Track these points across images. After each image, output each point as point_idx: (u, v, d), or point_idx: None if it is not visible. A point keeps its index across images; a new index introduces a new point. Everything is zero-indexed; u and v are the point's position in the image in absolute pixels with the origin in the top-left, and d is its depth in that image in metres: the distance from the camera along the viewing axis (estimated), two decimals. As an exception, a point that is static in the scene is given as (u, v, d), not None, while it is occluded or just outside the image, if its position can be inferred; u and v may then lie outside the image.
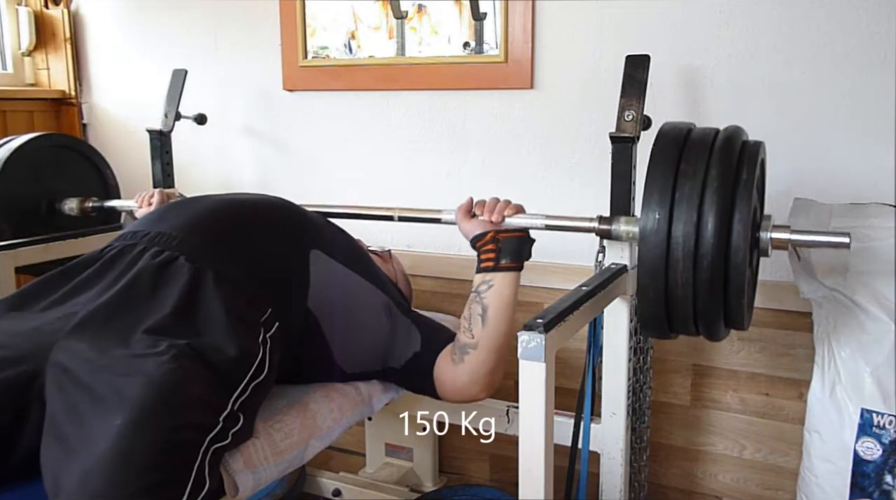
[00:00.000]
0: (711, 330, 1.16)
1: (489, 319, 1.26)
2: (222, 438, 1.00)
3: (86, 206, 1.85)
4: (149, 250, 1.17)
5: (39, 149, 1.81)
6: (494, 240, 1.29)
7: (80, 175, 1.92)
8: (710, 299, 1.10)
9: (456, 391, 1.31)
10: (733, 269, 1.07)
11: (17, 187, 1.75)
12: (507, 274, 1.28)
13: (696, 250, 1.07)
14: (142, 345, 1.03)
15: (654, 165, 1.12)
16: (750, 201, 1.07)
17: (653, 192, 1.10)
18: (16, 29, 2.30)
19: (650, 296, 1.13)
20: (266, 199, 1.45)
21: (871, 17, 1.43)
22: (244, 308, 1.15)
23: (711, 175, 1.08)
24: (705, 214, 1.06)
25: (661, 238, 1.08)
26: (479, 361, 1.26)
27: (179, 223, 1.24)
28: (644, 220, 1.10)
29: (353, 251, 1.43)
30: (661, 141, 1.15)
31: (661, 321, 1.16)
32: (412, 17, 1.83)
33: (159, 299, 1.11)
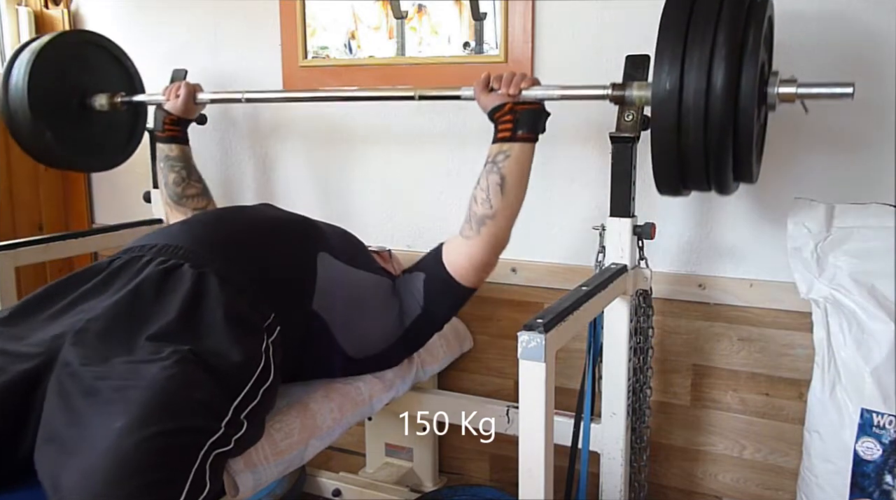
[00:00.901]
0: (721, 183, 1.21)
1: (507, 188, 1.31)
2: (224, 443, 1.01)
3: (115, 100, 1.84)
4: (154, 260, 1.19)
5: (64, 45, 1.80)
6: (512, 111, 1.33)
7: (104, 70, 1.90)
8: (720, 154, 1.15)
9: (473, 264, 1.35)
10: (742, 124, 1.12)
11: (47, 85, 1.74)
12: (524, 145, 1.32)
13: (707, 109, 1.11)
14: (145, 351, 1.04)
15: (663, 30, 1.15)
16: (757, 59, 1.11)
17: (664, 53, 1.14)
18: (16, 29, 2.30)
19: (664, 153, 1.17)
20: (269, 208, 1.50)
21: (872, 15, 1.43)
22: (247, 313, 1.16)
23: (719, 36, 1.11)
24: (714, 75, 1.11)
25: (672, 99, 1.13)
26: (498, 229, 1.32)
27: (185, 236, 1.27)
28: (656, 82, 1.13)
29: (356, 250, 1.46)
30: (669, 4, 1.18)
31: (675, 177, 1.21)
32: (412, 17, 1.83)
33: (163, 305, 1.12)
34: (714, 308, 1.62)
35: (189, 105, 1.70)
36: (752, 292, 1.58)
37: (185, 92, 1.69)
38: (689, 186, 1.25)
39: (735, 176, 1.21)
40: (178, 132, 1.72)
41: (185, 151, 1.73)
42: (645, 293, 1.41)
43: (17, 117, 1.72)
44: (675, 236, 1.63)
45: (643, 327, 1.43)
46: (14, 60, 1.73)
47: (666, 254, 1.63)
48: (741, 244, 1.59)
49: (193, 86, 1.73)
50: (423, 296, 1.38)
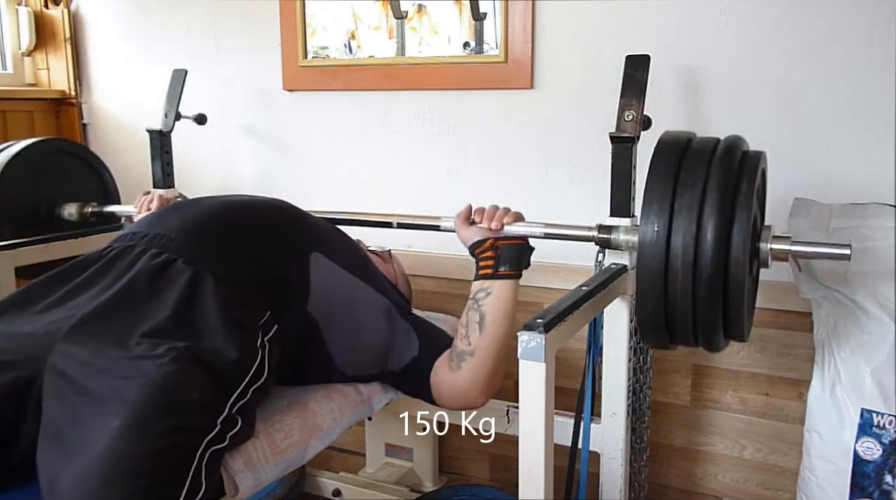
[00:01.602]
0: (711, 341, 1.16)
1: (487, 326, 1.25)
2: (220, 441, 1.00)
3: (85, 211, 1.86)
4: (147, 251, 1.17)
5: (38, 154, 1.82)
6: (493, 247, 1.29)
7: (79, 179, 1.92)
8: (710, 312, 1.09)
9: (453, 398, 1.31)
10: (732, 281, 1.07)
11: (16, 193, 1.75)
12: (505, 282, 1.27)
13: (696, 262, 1.06)
14: (141, 348, 1.02)
15: (653, 175, 1.12)
16: (749, 213, 1.07)
17: (652, 202, 1.10)
18: (16, 29, 2.30)
19: (649, 307, 1.12)
20: (266, 201, 1.45)
21: (871, 17, 1.43)
22: (243, 311, 1.15)
23: (711, 186, 1.07)
24: (704, 226, 1.06)
25: (660, 250, 1.08)
26: (476, 368, 1.26)
27: (178, 225, 1.24)
28: (643, 231, 1.09)
29: (354, 253, 1.42)
30: (660, 150, 1.15)
31: (661, 332, 1.16)
32: (412, 17, 1.83)
33: (158, 302, 1.10)
34: (714, 308, 1.62)
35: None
36: (752, 292, 1.58)
37: (157, 205, 1.62)
38: (677, 343, 1.20)
39: (726, 335, 1.15)
40: None
41: None
42: (645, 293, 1.41)
43: None
44: (675, 236, 1.63)
45: (643, 327, 1.42)
46: None
47: (666, 254, 1.63)
48: (741, 244, 1.59)
49: (166, 198, 1.66)
50: (403, 366, 1.34)
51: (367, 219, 1.56)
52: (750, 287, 1.18)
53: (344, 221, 1.55)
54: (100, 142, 2.30)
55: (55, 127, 2.34)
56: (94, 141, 2.32)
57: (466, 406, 1.32)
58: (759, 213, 1.21)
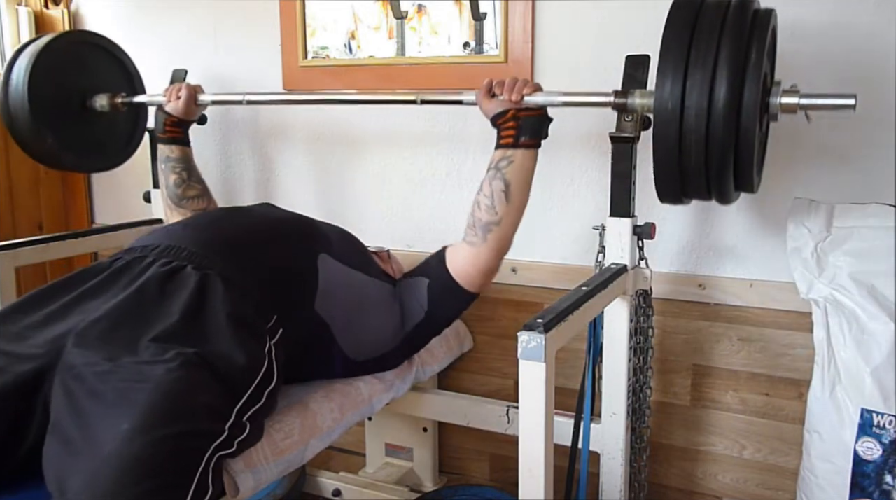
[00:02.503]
0: (722, 192, 1.21)
1: (512, 194, 1.31)
2: (227, 446, 1.01)
3: (116, 101, 1.84)
4: (157, 261, 1.19)
5: (65, 46, 1.80)
6: (515, 117, 1.33)
7: (105, 70, 1.90)
8: (722, 163, 1.14)
9: (482, 270, 1.36)
10: (743, 135, 1.12)
11: (47, 88, 1.73)
12: (527, 151, 1.33)
13: (709, 116, 1.11)
14: (150, 352, 1.03)
15: (667, 38, 1.15)
16: (760, 70, 1.11)
17: (667, 61, 1.14)
18: (16, 29, 2.30)
19: (665, 162, 1.17)
20: (270, 209, 1.49)
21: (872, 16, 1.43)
22: (251, 315, 1.16)
23: (724, 43, 1.11)
24: (717, 85, 1.11)
25: (675, 106, 1.12)
26: (503, 235, 1.33)
27: (187, 236, 1.26)
28: (659, 90, 1.13)
29: (356, 251, 1.46)
30: (674, 13, 1.18)
31: (676, 186, 1.20)
32: (412, 17, 1.83)
33: (167, 306, 1.11)
34: (714, 308, 1.62)
35: (190, 106, 1.70)
36: (752, 292, 1.58)
37: (185, 93, 1.69)
38: (691, 196, 1.25)
39: (736, 186, 1.21)
40: (179, 133, 1.72)
41: (186, 152, 1.73)
42: (645, 293, 1.41)
43: (18, 121, 1.72)
44: (675, 236, 1.63)
45: (643, 327, 1.43)
46: (13, 63, 1.73)
47: (666, 254, 1.63)
48: (741, 244, 1.59)
49: (194, 87, 1.72)
50: (426, 301, 1.38)
51: (390, 98, 1.63)
52: (760, 141, 1.23)
53: (367, 101, 1.64)
54: (100, 142, 2.30)
55: (55, 127, 2.34)
56: (94, 141, 2.32)
57: (491, 274, 1.39)
58: (770, 69, 1.24)
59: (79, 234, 1.89)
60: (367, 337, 1.36)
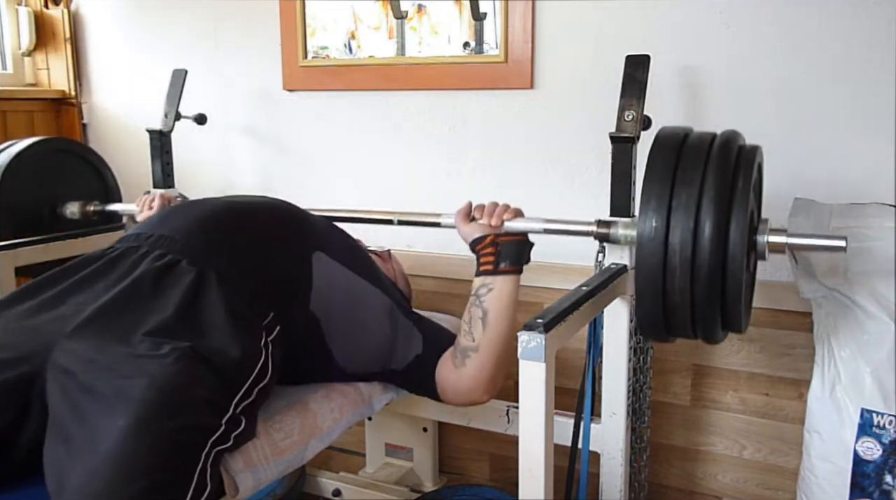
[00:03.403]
0: (709, 334, 1.17)
1: (490, 322, 1.26)
2: (224, 440, 1.01)
3: (87, 209, 1.86)
4: (151, 252, 1.18)
5: (40, 153, 1.82)
6: (494, 244, 1.30)
7: (80, 178, 1.92)
8: (708, 305, 1.10)
9: (458, 395, 1.31)
10: (730, 275, 1.08)
11: (18, 193, 1.75)
12: (507, 278, 1.28)
13: (694, 257, 1.08)
14: (144, 346, 1.03)
15: (650, 171, 1.13)
16: (746, 207, 1.08)
17: (650, 198, 1.11)
18: (16, 29, 2.30)
19: (648, 301, 1.13)
20: (268, 201, 1.46)
21: (871, 17, 1.43)
22: (246, 310, 1.15)
23: (708, 181, 1.08)
24: (702, 221, 1.07)
25: (658, 245, 1.09)
26: (481, 364, 1.26)
27: (182, 226, 1.24)
28: (641, 226, 1.10)
29: (355, 253, 1.43)
30: (657, 146, 1.15)
31: (660, 326, 1.17)
32: (412, 17, 1.83)
33: (162, 301, 1.11)
34: (714, 308, 1.62)
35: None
36: (752, 292, 1.58)
37: (158, 204, 1.62)
38: (676, 335, 1.21)
39: (723, 326, 1.16)
40: None
41: None
42: (645, 293, 1.41)
43: None
44: (675, 236, 1.63)
45: (643, 327, 1.43)
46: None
47: (666, 254, 1.63)
48: (741, 244, 1.59)
49: (168, 198, 1.66)
50: (406, 365, 1.34)
51: (367, 217, 1.56)
52: (748, 281, 1.19)
53: (344, 218, 1.55)
54: (100, 142, 2.30)
55: (55, 127, 2.34)
56: (94, 141, 2.32)
57: (471, 402, 1.32)
58: (756, 207, 1.22)
59: (79, 234, 1.89)
60: (360, 347, 1.33)
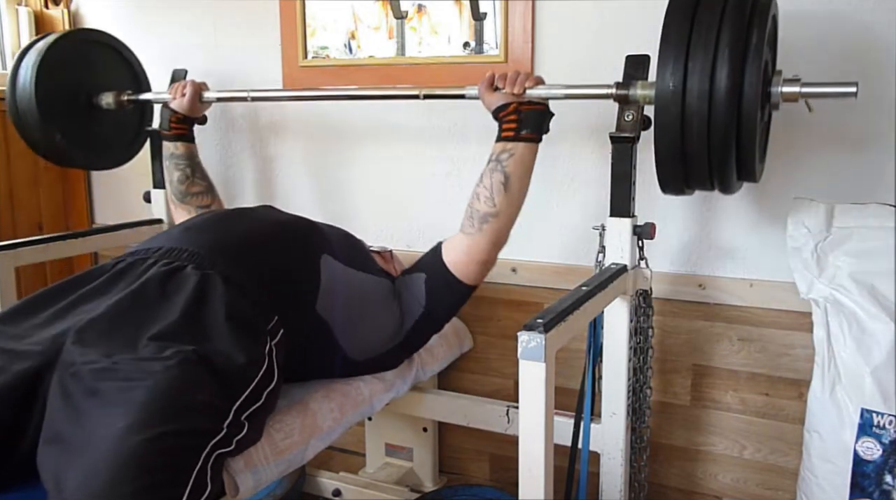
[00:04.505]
0: (725, 182, 1.21)
1: (511, 186, 1.32)
2: (226, 444, 1.01)
3: (122, 99, 1.86)
4: (158, 262, 1.19)
5: (69, 45, 1.81)
6: (517, 111, 1.34)
7: (111, 69, 1.92)
8: (724, 154, 1.15)
9: (478, 260, 1.36)
10: (745, 125, 1.13)
11: (54, 86, 1.75)
12: (527, 144, 1.34)
13: (710, 107, 1.12)
14: (149, 350, 1.03)
15: (667, 27, 1.16)
16: (760, 59, 1.11)
17: (667, 52, 1.14)
18: (16, 29, 2.30)
19: (667, 154, 1.17)
20: (271, 211, 1.50)
21: (872, 14, 1.43)
22: (250, 315, 1.16)
23: (724, 33, 1.11)
24: (718, 73, 1.11)
25: (676, 99, 1.13)
26: (500, 226, 1.34)
27: (190, 238, 1.27)
28: (660, 81, 1.14)
29: (357, 251, 1.46)
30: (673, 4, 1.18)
31: (678, 177, 1.21)
32: (412, 17, 1.83)
33: (167, 305, 1.12)
34: (714, 308, 1.62)
35: (195, 103, 1.72)
36: (752, 292, 1.58)
37: (190, 90, 1.70)
38: (693, 186, 1.25)
39: (738, 175, 1.21)
40: (184, 130, 1.73)
41: (191, 149, 1.74)
42: (645, 293, 1.41)
43: (27, 119, 1.73)
44: (675, 236, 1.63)
45: (643, 327, 1.43)
46: (20, 61, 1.74)
47: (666, 254, 1.63)
48: (741, 244, 1.59)
49: (199, 84, 1.74)
50: (424, 296, 1.38)
51: (393, 93, 1.64)
52: (762, 131, 1.24)
53: (370, 96, 1.66)
54: (100, 142, 2.30)
55: (55, 127, 2.34)
56: (94, 141, 2.31)
57: (487, 266, 1.39)
58: (771, 58, 1.25)
59: (79, 234, 1.89)
60: (368, 336, 1.36)
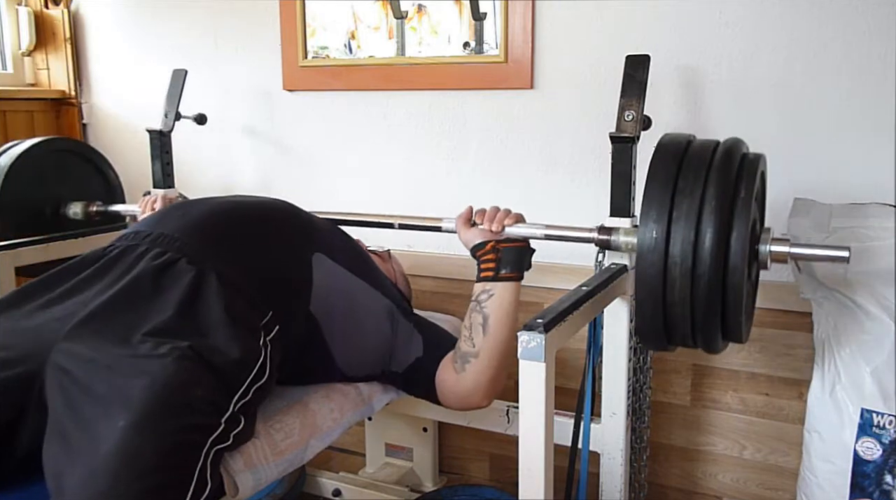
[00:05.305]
0: (709, 344, 1.16)
1: (490, 328, 1.26)
2: (224, 439, 1.01)
3: (90, 210, 1.86)
4: (150, 251, 1.17)
5: (43, 153, 1.81)
6: (495, 250, 1.30)
7: (83, 178, 1.91)
8: (708, 316, 1.10)
9: (458, 399, 1.31)
10: (731, 286, 1.07)
11: (21, 193, 1.75)
12: (507, 284, 1.28)
13: (694, 267, 1.07)
14: (144, 346, 1.03)
15: (652, 179, 1.12)
16: (748, 217, 1.07)
17: (651, 207, 1.10)
18: (16, 29, 2.30)
19: (648, 311, 1.13)
20: (269, 202, 1.45)
21: (871, 16, 1.43)
22: (245, 310, 1.15)
23: (709, 191, 1.07)
24: (703, 231, 1.06)
25: (658, 254, 1.08)
26: (481, 369, 1.27)
27: (182, 225, 1.24)
28: (641, 235, 1.09)
29: (355, 254, 1.43)
30: (659, 154, 1.14)
31: (660, 336, 1.16)
32: (412, 17, 1.83)
33: (161, 301, 1.11)
34: (714, 308, 1.62)
35: None
36: (752, 292, 1.58)
37: (161, 206, 1.62)
38: (676, 345, 1.20)
39: (724, 336, 1.15)
40: None
41: None
42: (645, 293, 1.41)
43: None
44: (675, 236, 1.63)
45: (643, 327, 1.42)
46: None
47: (666, 254, 1.63)
48: (741, 244, 1.59)
49: (170, 198, 1.66)
50: (406, 368, 1.34)
51: (368, 220, 1.56)
52: (749, 291, 1.18)
53: (345, 221, 1.55)
54: (100, 142, 2.30)
55: (55, 127, 2.34)
56: (94, 141, 2.32)
57: (470, 407, 1.32)
58: (759, 216, 1.21)
59: (79, 234, 1.89)
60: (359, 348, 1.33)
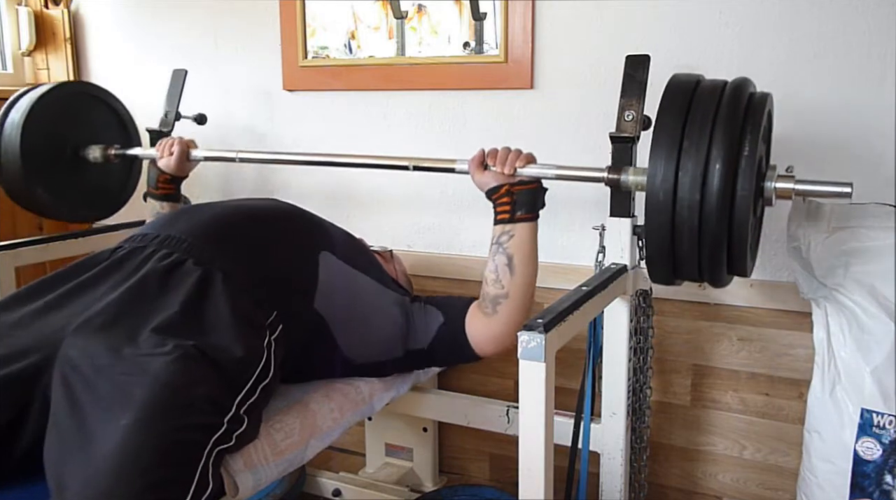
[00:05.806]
0: (715, 277, 1.19)
1: (516, 267, 1.30)
2: (226, 440, 1.01)
3: (109, 153, 1.84)
4: (158, 252, 1.19)
5: (62, 97, 1.80)
6: (509, 193, 1.32)
7: (100, 122, 1.90)
8: (715, 248, 1.12)
9: (494, 341, 1.33)
10: (737, 221, 1.10)
11: (41, 137, 1.73)
12: (524, 224, 1.31)
13: (702, 203, 1.09)
14: (149, 344, 1.03)
15: (662, 116, 1.14)
16: (755, 154, 1.09)
17: (660, 143, 1.12)
18: (16, 29, 2.30)
19: (657, 245, 1.15)
20: (275, 204, 1.48)
21: (871, 16, 1.43)
22: (251, 310, 1.16)
23: (717, 129, 1.10)
24: (711, 166, 1.08)
25: (667, 188, 1.10)
26: (514, 308, 1.30)
27: (189, 227, 1.26)
28: (651, 170, 1.11)
29: (358, 252, 1.45)
30: (670, 92, 1.16)
31: (667, 269, 1.19)
32: (412, 17, 1.83)
33: (167, 299, 1.12)
34: (714, 308, 1.62)
35: (182, 163, 1.64)
36: (752, 292, 1.58)
37: (178, 150, 1.63)
38: (682, 278, 1.22)
39: (729, 271, 1.18)
40: (171, 190, 1.66)
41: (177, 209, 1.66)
42: (645, 293, 1.41)
43: (9, 173, 1.71)
44: (675, 236, 1.63)
45: (643, 327, 1.43)
46: (7, 114, 1.72)
47: (666, 254, 1.63)
48: (741, 244, 1.59)
49: (187, 142, 1.67)
50: (433, 337, 1.36)
51: (382, 163, 1.59)
52: (754, 226, 1.21)
53: (360, 164, 1.59)
54: (100, 142, 2.30)
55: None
56: (94, 141, 2.31)
57: (506, 347, 1.34)
58: (765, 153, 1.22)
59: (79, 234, 1.89)
60: (367, 341, 1.35)
